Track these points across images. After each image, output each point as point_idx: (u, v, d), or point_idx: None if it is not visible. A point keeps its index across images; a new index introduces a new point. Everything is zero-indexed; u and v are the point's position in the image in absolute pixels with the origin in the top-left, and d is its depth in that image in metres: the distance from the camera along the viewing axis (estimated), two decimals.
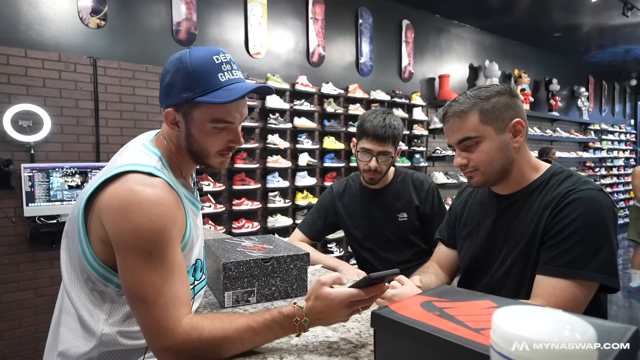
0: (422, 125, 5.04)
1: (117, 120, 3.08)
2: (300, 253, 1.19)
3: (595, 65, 8.22)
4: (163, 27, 3.30)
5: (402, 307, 0.75)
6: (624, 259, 6.13)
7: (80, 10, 2.90)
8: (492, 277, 1.11)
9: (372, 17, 4.62)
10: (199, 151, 0.93)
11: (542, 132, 6.74)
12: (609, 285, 0.93)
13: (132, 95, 3.14)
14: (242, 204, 3.58)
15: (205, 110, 0.87)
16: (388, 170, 1.66)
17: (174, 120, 0.91)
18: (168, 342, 0.77)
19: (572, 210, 0.95)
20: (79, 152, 2.93)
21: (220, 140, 0.92)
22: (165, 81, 0.89)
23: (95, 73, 2.96)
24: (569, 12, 5.36)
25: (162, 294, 0.79)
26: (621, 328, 0.61)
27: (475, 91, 1.06)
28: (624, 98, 9.44)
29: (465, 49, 5.79)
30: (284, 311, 0.84)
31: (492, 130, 1.03)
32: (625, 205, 8.75)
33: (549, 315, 0.43)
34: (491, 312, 0.66)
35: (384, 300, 1.02)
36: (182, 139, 0.93)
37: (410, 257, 1.70)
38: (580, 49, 7.16)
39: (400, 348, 0.71)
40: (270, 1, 3.86)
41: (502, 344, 0.41)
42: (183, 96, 0.86)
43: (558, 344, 0.38)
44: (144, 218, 0.78)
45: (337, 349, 0.86)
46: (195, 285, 0.97)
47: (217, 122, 0.89)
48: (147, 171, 0.84)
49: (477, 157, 1.05)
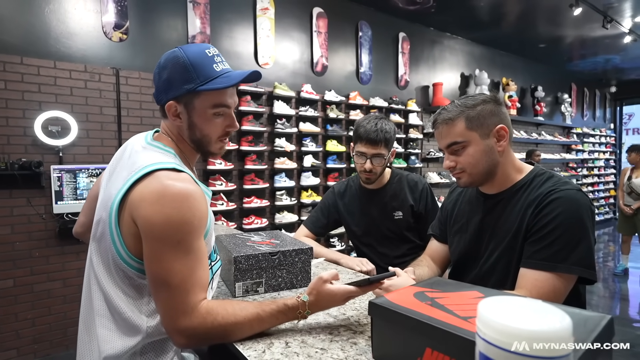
0: (417, 129, 5.03)
1: (137, 126, 3.10)
2: (305, 247, 1.20)
3: (577, 73, 8.17)
4: (179, 40, 3.31)
5: (397, 297, 0.76)
6: (603, 252, 6.10)
7: (104, 25, 2.92)
8: (480, 269, 1.12)
9: (371, 30, 4.61)
10: (201, 138, 0.92)
11: (528, 135, 6.71)
12: (587, 277, 0.93)
13: (151, 102, 3.16)
14: (252, 202, 3.59)
15: (206, 98, 0.88)
16: (383, 171, 1.65)
17: (175, 113, 0.90)
18: (185, 324, 0.78)
19: (553, 209, 0.96)
20: (102, 154, 2.95)
21: (219, 126, 0.93)
22: (163, 77, 0.88)
23: (118, 82, 2.98)
24: (552, 24, 5.33)
25: (185, 280, 0.79)
26: (597, 317, 0.61)
27: (462, 100, 1.06)
28: (604, 104, 9.37)
29: (457, 59, 5.77)
30: (288, 303, 0.87)
31: (478, 135, 1.04)
32: (605, 203, 8.69)
33: (529, 305, 0.44)
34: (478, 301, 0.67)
35: (380, 291, 1.02)
36: (184, 130, 0.92)
37: (406, 251, 1.71)
38: (564, 59, 7.12)
39: (395, 334, 0.72)
40: (278, 16, 3.86)
41: (486, 331, 0.41)
42: (185, 88, 0.86)
43: (537, 330, 0.38)
44: (175, 210, 0.78)
45: (337, 334, 0.87)
46: (213, 265, 0.97)
47: (217, 107, 0.90)
48: (171, 167, 0.84)
49: (464, 160, 1.06)
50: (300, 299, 0.88)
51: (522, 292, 0.94)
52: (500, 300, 0.45)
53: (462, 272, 1.19)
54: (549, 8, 4.70)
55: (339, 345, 0.82)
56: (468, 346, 0.56)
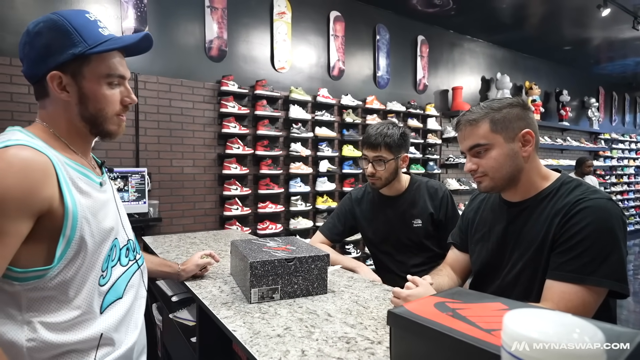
0: (436, 134, 4.98)
1: (154, 130, 3.17)
2: (321, 254, 1.20)
3: (605, 76, 7.96)
4: (197, 45, 3.38)
5: (416, 307, 0.75)
6: (634, 265, 5.88)
7: (124, 31, 3.01)
8: (503, 280, 1.09)
9: (388, 33, 4.61)
10: (95, 113, 0.79)
11: (553, 141, 6.57)
12: (618, 290, 0.90)
13: (168, 106, 3.23)
14: (267, 207, 3.62)
15: (98, 65, 0.77)
16: (391, 177, 1.63)
17: (60, 85, 0.76)
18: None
19: (582, 218, 0.93)
20: (120, 158, 3.03)
21: (116, 99, 0.81)
22: (38, 45, 0.74)
23: (136, 87, 3.06)
24: (579, 26, 5.22)
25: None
26: (630, 333, 0.59)
27: (488, 102, 1.06)
28: (635, 108, 9.10)
29: (478, 62, 5.71)
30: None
31: (502, 138, 1.02)
32: (635, 212, 8.39)
33: (558, 318, 0.42)
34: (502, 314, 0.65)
35: (399, 300, 1.02)
36: (72, 106, 0.78)
37: (424, 260, 1.68)
38: (591, 62, 6.96)
39: (414, 346, 0.71)
40: (294, 20, 3.91)
41: (512, 345, 0.41)
42: (70, 52, 0.74)
43: (567, 345, 0.37)
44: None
45: (355, 344, 0.86)
46: (112, 268, 0.82)
47: (112, 77, 0.79)
48: (0, 146, 0.68)
49: (486, 163, 1.04)
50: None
51: (549, 304, 0.92)
52: (528, 312, 0.44)
53: (484, 283, 1.17)
54: (575, 9, 4.61)
55: (356, 355, 0.81)
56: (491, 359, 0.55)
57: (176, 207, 3.30)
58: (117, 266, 0.84)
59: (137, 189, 2.93)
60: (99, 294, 0.78)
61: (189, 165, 3.35)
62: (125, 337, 0.85)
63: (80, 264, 0.74)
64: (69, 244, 0.72)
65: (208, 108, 3.42)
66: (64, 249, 0.72)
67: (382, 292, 1.23)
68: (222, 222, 3.47)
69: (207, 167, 3.43)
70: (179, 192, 3.31)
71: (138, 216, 2.97)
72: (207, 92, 3.41)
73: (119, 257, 0.84)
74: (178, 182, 3.31)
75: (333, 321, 0.99)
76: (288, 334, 0.91)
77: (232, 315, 1.02)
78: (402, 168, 1.66)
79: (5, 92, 2.63)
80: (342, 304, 1.12)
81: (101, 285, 0.79)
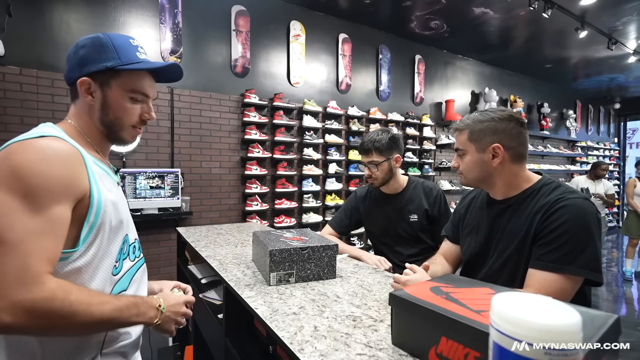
0: (431, 141, 4.95)
1: (187, 136, 3.21)
2: (331, 244, 1.20)
3: (582, 91, 7.81)
4: (224, 63, 3.41)
5: (415, 290, 0.75)
6: (607, 258, 5.75)
7: (162, 51, 3.05)
8: (490, 268, 1.09)
9: (390, 52, 4.60)
10: (113, 121, 0.78)
11: (535, 147, 6.47)
12: (592, 279, 0.89)
13: (199, 116, 3.27)
14: (282, 204, 3.63)
15: (125, 80, 0.77)
16: (387, 177, 1.62)
17: (88, 90, 0.76)
18: (22, 295, 0.56)
19: (561, 215, 0.92)
20: (158, 160, 3.07)
21: (135, 113, 0.79)
22: (80, 54, 0.75)
23: (172, 99, 3.10)
24: (558, 46, 5.13)
25: (28, 242, 0.58)
26: (604, 316, 0.59)
27: (480, 114, 1.06)
28: (609, 119, 8.90)
29: (468, 78, 5.65)
30: (144, 297, 0.77)
31: (474, 148, 1.05)
32: (609, 212, 8.20)
33: (539, 301, 0.43)
34: (490, 297, 0.66)
35: (399, 285, 1.02)
36: (95, 110, 0.77)
37: (419, 251, 1.68)
38: (569, 78, 6.83)
39: (413, 323, 0.71)
40: (308, 41, 3.92)
41: (500, 323, 0.41)
42: (103, 65, 0.74)
43: (550, 323, 0.37)
44: (26, 160, 0.61)
45: (360, 322, 0.87)
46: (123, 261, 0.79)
47: (135, 93, 0.78)
48: (36, 136, 0.66)
49: (463, 164, 1.09)
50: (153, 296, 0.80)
51: (531, 290, 0.91)
52: (513, 295, 0.44)
53: (473, 271, 1.16)
54: (555, 31, 4.54)
55: (361, 332, 0.81)
56: (481, 337, 0.55)
57: (205, 203, 3.34)
58: (127, 260, 0.80)
59: (172, 186, 2.97)
60: (110, 283, 0.74)
61: (216, 166, 3.39)
62: (132, 327, 0.81)
63: (97, 249, 0.71)
64: (91, 230, 0.69)
65: (233, 117, 3.45)
66: (87, 233, 0.69)
67: (383, 278, 1.23)
68: (244, 216, 3.50)
69: (231, 168, 3.46)
70: (207, 190, 3.35)
71: (172, 210, 3.01)
72: (232, 103, 3.44)
73: (129, 252, 0.81)
74: (206, 181, 3.34)
75: (341, 302, 0.99)
76: (302, 312, 0.92)
77: (254, 295, 1.03)
78: (397, 167, 1.65)
79: (61, 104, 2.69)
80: (349, 287, 1.12)
81: (114, 275, 0.75)
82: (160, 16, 3.05)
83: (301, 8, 3.86)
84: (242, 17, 3.45)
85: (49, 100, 2.65)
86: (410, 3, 3.79)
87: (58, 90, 2.67)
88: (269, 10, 3.64)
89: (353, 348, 0.74)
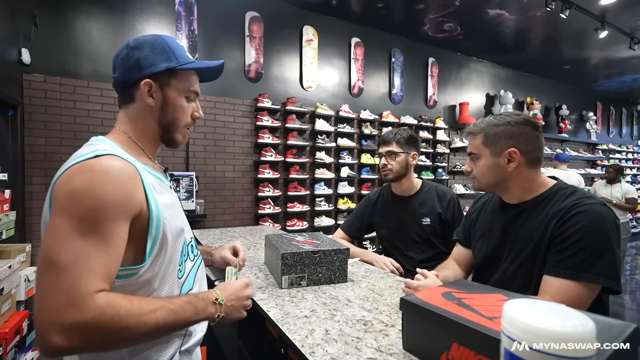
0: (445, 144, 4.89)
1: (201, 140, 3.27)
2: (342, 248, 1.21)
3: (602, 92, 7.58)
4: (237, 68, 3.47)
5: (426, 295, 0.75)
6: (631, 265, 5.54)
7: None
8: (503, 274, 1.07)
9: (402, 56, 4.58)
10: (170, 121, 0.79)
11: (552, 151, 6.31)
12: (610, 287, 0.87)
13: (213, 120, 3.33)
14: (295, 207, 3.65)
15: (183, 80, 0.79)
16: (400, 169, 1.63)
17: (149, 91, 0.76)
18: (72, 318, 0.55)
19: (578, 221, 0.90)
20: (173, 163, 3.14)
21: (189, 112, 0.82)
22: (136, 56, 0.75)
23: None
24: (577, 47, 5.01)
25: (78, 263, 0.58)
26: (622, 325, 0.57)
27: (494, 118, 1.05)
28: (632, 121, 8.61)
29: (483, 81, 5.57)
30: (198, 294, 0.74)
31: (489, 152, 1.04)
32: (632, 217, 7.91)
33: (553, 308, 0.42)
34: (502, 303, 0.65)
35: (410, 290, 1.01)
36: (154, 112, 0.78)
37: (431, 256, 1.66)
38: (589, 79, 6.65)
39: (424, 329, 0.71)
40: (321, 46, 3.95)
41: (512, 330, 0.41)
42: (164, 65, 0.76)
43: (561, 331, 0.37)
44: (83, 182, 0.61)
45: (371, 326, 0.87)
46: (195, 261, 0.83)
47: (190, 92, 0.81)
48: (92, 156, 0.65)
49: (476, 169, 1.08)
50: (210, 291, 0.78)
51: (546, 297, 0.89)
52: (526, 302, 0.43)
53: (485, 275, 1.14)
54: (574, 32, 4.43)
55: (372, 336, 0.81)
56: (493, 343, 0.55)
57: (218, 206, 3.39)
58: (187, 260, 0.81)
59: (187, 189, 3.02)
60: (177, 286, 0.76)
61: (230, 170, 3.43)
62: (198, 325, 0.83)
63: (162, 260, 0.71)
64: (154, 243, 0.70)
65: (246, 121, 3.50)
66: (151, 247, 0.69)
67: (395, 282, 1.23)
68: (257, 219, 3.53)
69: (244, 171, 3.51)
70: (221, 193, 3.40)
71: (187, 213, 3.06)
72: (246, 108, 3.49)
73: (188, 252, 0.82)
74: (220, 184, 3.39)
75: (352, 306, 0.99)
76: (314, 315, 0.92)
77: (266, 298, 1.04)
78: (412, 165, 1.67)
79: (82, 109, 2.79)
80: (360, 291, 1.12)
81: (179, 278, 0.76)
82: (177, 23, 3.13)
83: (314, 13, 3.89)
84: (256, 22, 3.51)
85: (71, 106, 2.74)
86: (423, 6, 3.77)
87: (80, 97, 2.77)
88: (282, 16, 3.69)
89: (364, 352, 0.74)
